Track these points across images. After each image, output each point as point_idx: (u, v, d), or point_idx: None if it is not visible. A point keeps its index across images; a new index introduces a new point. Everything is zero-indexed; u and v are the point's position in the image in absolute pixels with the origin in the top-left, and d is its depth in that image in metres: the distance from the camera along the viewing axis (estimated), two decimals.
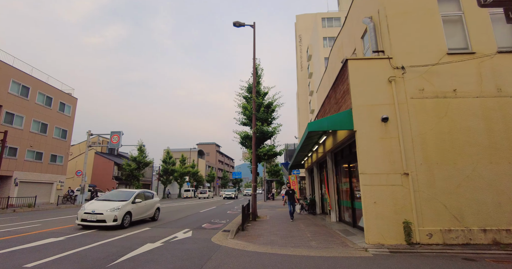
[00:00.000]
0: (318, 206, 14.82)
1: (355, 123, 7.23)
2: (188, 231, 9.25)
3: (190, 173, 48.94)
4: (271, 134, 13.11)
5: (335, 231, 8.64)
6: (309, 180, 18.94)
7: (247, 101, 13.87)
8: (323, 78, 18.58)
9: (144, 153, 35.44)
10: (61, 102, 26.39)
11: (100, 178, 35.43)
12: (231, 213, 16.34)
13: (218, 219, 12.94)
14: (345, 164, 10.13)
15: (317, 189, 15.05)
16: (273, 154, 13.11)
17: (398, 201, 6.71)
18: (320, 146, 12.03)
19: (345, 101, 8.03)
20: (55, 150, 25.50)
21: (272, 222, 11.40)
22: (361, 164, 7.02)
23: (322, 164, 14.46)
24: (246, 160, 14.65)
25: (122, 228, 9.47)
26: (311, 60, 37.66)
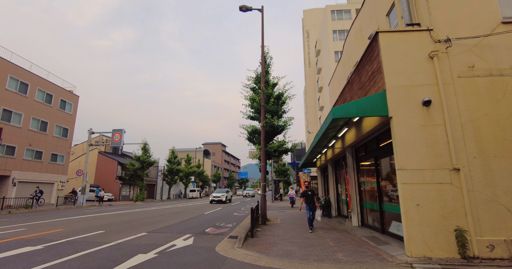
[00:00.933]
0: (333, 207, 13.47)
1: (390, 108, 5.91)
2: (189, 237, 8.05)
3: (195, 173, 47.92)
4: (281, 128, 11.83)
5: (361, 239, 7.32)
6: (321, 179, 17.59)
7: (255, 92, 12.62)
8: (337, 69, 17.22)
9: (148, 152, 34.49)
10: (62, 100, 25.56)
11: (104, 178, 34.62)
12: (238, 215, 15.11)
13: (223, 222, 11.72)
14: (370, 161, 8.79)
15: (332, 189, 13.71)
16: (284, 150, 11.84)
17: (447, 203, 5.37)
18: (338, 140, 10.71)
19: (374, 83, 6.71)
20: (56, 149, 24.66)
21: (285, 226, 10.12)
22: (398, 158, 5.70)
23: (338, 162, 13.12)
24: (253, 158, 13.44)
25: None
26: (319, 55, 36.24)
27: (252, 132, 12.42)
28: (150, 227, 10.03)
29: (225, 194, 27.40)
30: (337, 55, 30.48)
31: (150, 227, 10.03)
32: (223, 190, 29.16)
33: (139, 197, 32.19)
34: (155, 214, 15.12)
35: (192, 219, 12.72)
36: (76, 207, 21.41)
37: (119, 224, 10.59)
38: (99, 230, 9.11)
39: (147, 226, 10.29)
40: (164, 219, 12.81)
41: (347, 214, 11.57)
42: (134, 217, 13.38)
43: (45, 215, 14.93)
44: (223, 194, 27.19)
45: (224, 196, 26.95)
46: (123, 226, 10.06)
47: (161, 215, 14.84)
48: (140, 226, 10.14)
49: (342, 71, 15.54)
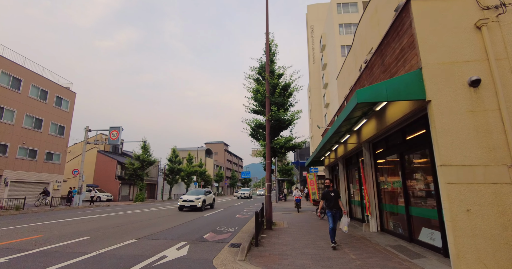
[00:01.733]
0: (347, 210, 12.30)
1: (429, 90, 4.77)
2: (184, 245, 6.96)
3: (197, 173, 46.90)
4: (288, 122, 10.69)
5: (386, 249, 6.17)
6: None
7: (258, 83, 11.49)
8: (347, 60, 16.07)
9: (148, 151, 33.52)
10: (58, 96, 24.62)
11: (103, 178, 33.71)
12: (240, 217, 14.01)
13: (224, 226, 10.63)
14: (392, 157, 7.64)
15: (343, 189, 12.56)
16: (292, 146, 10.71)
17: (506, 209, 4.22)
18: (352, 135, 9.56)
19: (404, 62, 5.56)
20: (51, 147, 23.73)
21: (293, 231, 9.00)
22: (441, 152, 4.56)
23: (350, 159, 11.97)
24: (257, 156, 12.31)
25: None
26: (325, 51, 35.02)
27: (255, 127, 11.31)
28: (142, 232, 8.96)
29: (202, 197, 17.74)
30: (344, 49, 29.28)
31: (142, 232, 8.96)
32: (201, 190, 19.24)
33: (138, 197, 31.22)
34: (152, 216, 14.07)
35: (191, 222, 11.64)
36: (72, 208, 20.44)
37: (108, 229, 9.53)
38: (84, 236, 8.06)
39: (139, 230, 9.22)
40: (160, 222, 11.74)
41: (362, 217, 10.42)
42: (127, 220, 12.33)
43: (34, 217, 13.93)
44: (199, 197, 17.59)
45: (199, 200, 17.31)
46: (112, 231, 9.00)
47: (157, 217, 13.78)
48: (131, 231, 9.07)
49: (354, 61, 14.38)
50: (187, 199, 17.41)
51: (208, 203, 19.45)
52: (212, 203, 20.38)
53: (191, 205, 17.14)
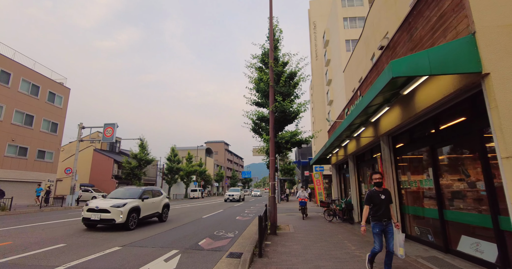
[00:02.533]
0: (356, 211, 11.22)
1: (486, 60, 3.67)
2: (174, 254, 5.88)
3: (197, 172, 45.85)
4: (294, 114, 9.59)
5: (418, 261, 5.07)
6: (337, 178, 15.33)
7: (261, 72, 10.39)
8: (355, 51, 14.98)
9: (146, 149, 32.49)
10: (51, 92, 23.58)
11: (99, 177, 32.68)
12: (240, 219, 12.92)
13: (223, 230, 9.55)
14: (419, 152, 6.54)
15: (353, 189, 11.46)
16: (298, 141, 9.60)
17: None
18: (368, 128, 8.45)
19: (444, 31, 4.46)
20: (43, 145, 22.69)
21: (301, 237, 7.90)
22: (507, 139, 3.46)
23: (363, 156, 10.87)
24: (259, 152, 11.23)
25: None
26: (328, 46, 33.91)
27: (258, 120, 10.22)
28: (129, 237, 7.88)
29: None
30: (349, 44, 28.16)
31: (129, 237, 7.88)
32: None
33: None
34: None
35: (186, 225, 10.56)
36: (63, 209, 19.39)
37: (92, 233, 8.45)
38: (60, 242, 6.98)
39: (125, 235, 8.14)
40: (152, 225, 10.66)
41: None
42: None
43: (17, 219, 12.87)
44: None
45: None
46: (95, 237, 7.92)
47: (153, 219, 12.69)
48: (117, 236, 8.00)
49: (364, 51, 13.28)
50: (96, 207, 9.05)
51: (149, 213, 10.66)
52: (164, 213, 11.67)
53: (101, 218, 8.92)
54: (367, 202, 4.54)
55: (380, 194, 4.45)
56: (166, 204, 12.09)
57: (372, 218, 4.44)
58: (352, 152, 10.93)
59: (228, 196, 28.96)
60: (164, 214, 11.77)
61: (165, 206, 11.94)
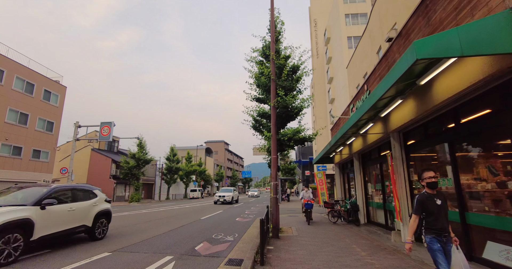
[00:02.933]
0: (362, 213, 10.67)
1: None
2: (168, 261, 5.35)
3: (196, 172, 45.32)
4: (297, 110, 9.06)
5: None
6: (340, 178, 14.80)
7: (262, 66, 9.83)
8: (360, 44, 14.44)
9: (145, 149, 31.94)
10: (46, 90, 23.04)
11: (97, 177, 32.13)
12: (240, 221, 12.39)
13: (222, 232, 9.01)
14: (436, 148, 6.00)
15: (359, 189, 10.92)
16: (301, 139, 9.06)
17: None
18: (376, 124, 7.91)
19: (472, 9, 3.92)
20: (39, 144, 22.16)
21: (306, 241, 7.36)
22: None
23: (369, 155, 10.33)
24: (261, 151, 10.63)
25: None
26: (329, 44, 33.37)
27: (258, 117, 9.68)
28: (121, 241, 7.35)
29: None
30: (351, 41, 27.62)
31: (121, 241, 7.35)
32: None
33: (134, 198, 29.70)
34: (141, 220, 12.47)
35: (183, 228, 10.02)
36: None
37: (81, 236, 7.92)
38: (45, 248, 6.44)
39: (118, 239, 7.61)
40: (148, 227, 10.14)
41: (385, 222, 8.79)
42: (111, 225, 10.71)
43: None
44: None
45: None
46: (84, 241, 7.39)
47: (147, 221, 12.17)
48: (108, 240, 7.46)
49: (369, 44, 12.74)
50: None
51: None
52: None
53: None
54: (418, 210, 3.30)
55: (436, 198, 3.26)
56: (104, 211, 7.96)
57: (427, 231, 3.24)
58: (358, 151, 10.39)
59: (218, 197, 24.32)
60: (99, 228, 7.62)
61: (101, 215, 7.79)
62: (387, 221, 8.71)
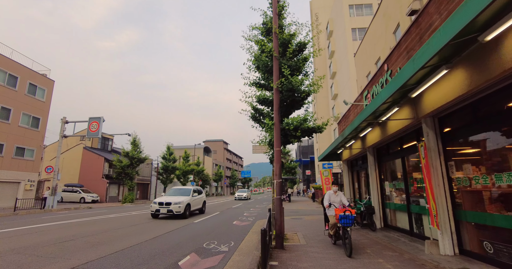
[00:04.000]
0: (378, 216, 9.25)
1: None
2: None
3: (194, 172, 43.85)
4: (305, 94, 7.63)
5: None
6: (349, 176, 13.38)
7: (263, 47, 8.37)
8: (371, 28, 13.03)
9: (139, 147, 30.48)
10: (31, 84, 21.57)
11: (89, 177, 30.66)
12: (238, 225, 10.97)
13: (216, 240, 7.59)
14: (489, 138, 4.59)
15: (374, 188, 9.50)
16: (310, 129, 7.65)
17: None
18: (402, 108, 6.49)
19: None
20: (23, 141, 20.69)
21: (317, 252, 5.94)
22: None
23: (386, 148, 8.91)
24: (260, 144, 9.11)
25: None
26: (332, 37, 31.95)
27: (259, 103, 8.26)
28: (88, 253, 5.91)
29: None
30: (355, 33, 26.25)
31: (89, 253, 5.91)
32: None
33: (127, 198, 28.22)
34: (126, 224, 11.04)
35: (172, 233, 8.60)
36: (43, 212, 17.42)
37: (40, 248, 6.47)
38: None
39: (86, 250, 6.17)
40: (130, 233, 8.70)
41: (409, 228, 7.37)
42: (88, 230, 9.29)
43: None
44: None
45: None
46: (39, 253, 5.95)
47: (132, 225, 10.75)
48: (72, 252, 6.02)
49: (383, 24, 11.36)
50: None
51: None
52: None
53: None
54: None
55: None
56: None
57: None
58: (373, 144, 8.97)
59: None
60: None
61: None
62: (412, 226, 7.30)
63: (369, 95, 8.99)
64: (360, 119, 6.21)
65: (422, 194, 6.64)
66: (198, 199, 14.95)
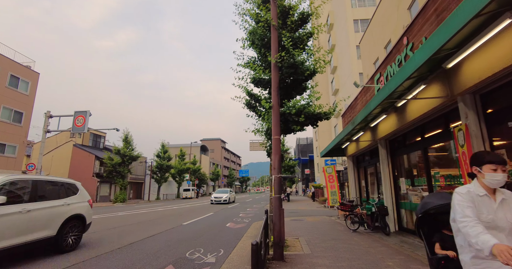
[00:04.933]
0: (391, 218, 8.03)
1: None
2: None
3: (190, 170, 42.55)
4: (309, 72, 6.37)
5: None
6: (354, 173, 12.18)
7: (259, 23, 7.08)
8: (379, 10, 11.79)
9: (131, 144, 29.15)
10: (13, 76, 20.19)
11: (79, 175, 29.19)
12: (232, 228, 9.73)
13: (202, 247, 6.35)
14: None
15: (387, 186, 8.27)
16: (315, 115, 6.40)
17: None
18: (431, 86, 5.25)
19: None
20: (3, 137, 19.33)
21: (325, 264, 4.70)
22: None
23: (402, 140, 7.69)
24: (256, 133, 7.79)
25: None
26: (332, 30, 30.77)
27: (254, 84, 6.99)
28: (51, 263, 4.65)
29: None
30: (357, 24, 25.05)
31: (53, 263, 4.65)
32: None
33: (119, 198, 26.96)
34: (105, 226, 9.78)
35: (153, 238, 7.33)
36: None
37: None
38: None
39: (53, 261, 4.91)
40: (103, 237, 7.44)
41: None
42: None
43: None
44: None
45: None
46: None
47: (111, 228, 9.49)
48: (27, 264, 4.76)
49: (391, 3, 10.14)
50: None
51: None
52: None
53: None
54: None
55: None
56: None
57: None
58: (386, 135, 7.75)
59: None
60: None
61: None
62: None
63: (381, 78, 7.77)
64: (380, 98, 4.96)
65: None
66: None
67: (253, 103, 7.74)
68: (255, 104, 7.72)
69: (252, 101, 7.69)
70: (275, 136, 5.56)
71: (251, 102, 7.73)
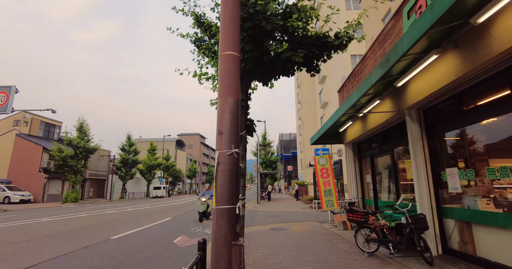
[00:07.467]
0: (432, 234, 4.94)
1: None
2: None
3: (162, 166, 38.46)
4: None
5: None
6: (355, 166, 9.14)
7: None
8: None
9: (87, 134, 24.89)
10: None
11: (23, 171, 24.61)
12: (179, 246, 6.34)
13: None
14: None
15: (422, 183, 5.18)
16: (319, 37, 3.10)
17: None
18: None
19: None
20: None
21: None
22: None
23: (458, 102, 4.57)
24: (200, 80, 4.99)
25: None
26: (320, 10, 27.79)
27: None
28: None
29: None
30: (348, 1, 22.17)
31: None
32: None
33: (69, 197, 22.73)
34: (22, 237, 6.08)
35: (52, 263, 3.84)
36: None
37: None
38: None
39: None
40: None
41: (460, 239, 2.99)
42: None
43: None
44: None
45: None
46: None
47: (6, 244, 5.81)
48: None
49: None
50: None
51: None
52: None
53: None
54: None
55: None
56: None
57: None
58: (421, 100, 4.63)
59: None
60: None
61: None
62: None
63: (394, 36, 4.63)
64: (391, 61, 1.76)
65: None
66: None
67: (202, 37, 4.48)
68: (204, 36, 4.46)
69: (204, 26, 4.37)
70: (225, 52, 2.23)
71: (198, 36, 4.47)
